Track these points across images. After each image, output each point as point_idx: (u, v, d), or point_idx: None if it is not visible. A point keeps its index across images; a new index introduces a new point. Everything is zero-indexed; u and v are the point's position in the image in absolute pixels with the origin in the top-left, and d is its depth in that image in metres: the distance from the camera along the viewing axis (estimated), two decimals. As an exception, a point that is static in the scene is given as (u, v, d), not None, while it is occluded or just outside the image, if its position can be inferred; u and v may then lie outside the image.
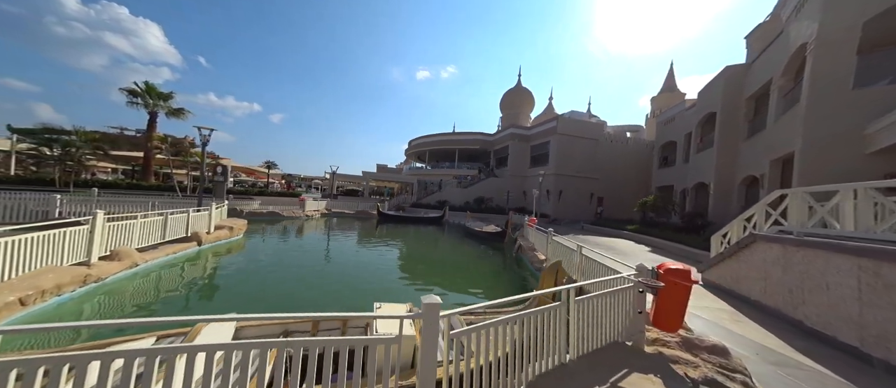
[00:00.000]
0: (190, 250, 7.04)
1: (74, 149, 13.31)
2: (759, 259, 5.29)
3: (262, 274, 6.59)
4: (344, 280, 6.78)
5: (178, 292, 5.26)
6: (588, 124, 26.40)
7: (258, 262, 7.56)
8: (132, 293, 4.85)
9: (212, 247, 7.85)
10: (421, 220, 20.91)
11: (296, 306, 4.99)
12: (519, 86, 37.36)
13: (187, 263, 6.70)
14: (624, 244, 13.40)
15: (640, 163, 27.19)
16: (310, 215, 16.96)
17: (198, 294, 5.21)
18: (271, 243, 10.25)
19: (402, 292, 6.60)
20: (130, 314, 4.38)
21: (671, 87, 33.20)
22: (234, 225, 9.04)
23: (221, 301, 5.09)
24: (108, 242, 5.06)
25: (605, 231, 18.00)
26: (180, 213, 7.02)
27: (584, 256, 6.05)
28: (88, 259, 4.64)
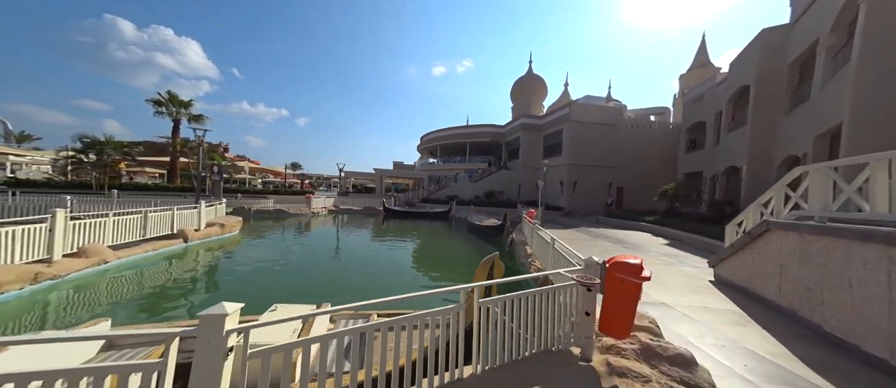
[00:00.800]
0: (175, 247, 7.24)
1: (105, 155, 14.76)
2: (773, 251, 4.41)
3: (238, 272, 6.62)
4: (320, 277, 6.70)
5: (149, 290, 5.32)
6: (604, 109, 24.60)
7: (242, 259, 7.62)
8: (95, 291, 4.84)
9: (201, 244, 8.05)
10: (427, 215, 20.74)
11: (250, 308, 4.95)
12: (530, 73, 35.70)
13: (172, 259, 6.86)
14: (638, 237, 12.28)
15: (666, 148, 24.92)
16: (316, 212, 17.44)
17: (164, 293, 5.22)
18: (267, 240, 10.43)
19: (373, 289, 6.39)
20: (83, 313, 4.31)
21: (703, 62, 29.94)
22: (226, 223, 9.29)
23: (182, 302, 5.04)
24: (74, 239, 5.25)
25: (621, 223, 16.70)
26: (164, 211, 7.25)
27: (556, 250, 5.46)
28: (50, 257, 4.81)
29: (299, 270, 7.02)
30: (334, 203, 20.48)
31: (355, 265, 7.69)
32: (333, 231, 13.34)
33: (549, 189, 26.22)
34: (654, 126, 25.81)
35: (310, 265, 7.50)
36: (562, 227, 15.35)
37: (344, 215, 19.35)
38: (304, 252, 8.73)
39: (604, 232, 13.40)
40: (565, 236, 11.31)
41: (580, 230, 13.91)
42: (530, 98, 35.11)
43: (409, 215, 20.24)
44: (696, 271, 6.77)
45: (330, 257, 8.66)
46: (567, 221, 18.66)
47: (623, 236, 12.63)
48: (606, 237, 11.90)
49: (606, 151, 24.11)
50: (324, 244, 10.31)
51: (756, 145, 13.17)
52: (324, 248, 9.71)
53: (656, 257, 8.15)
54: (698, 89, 19.89)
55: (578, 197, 23.54)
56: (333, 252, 9.34)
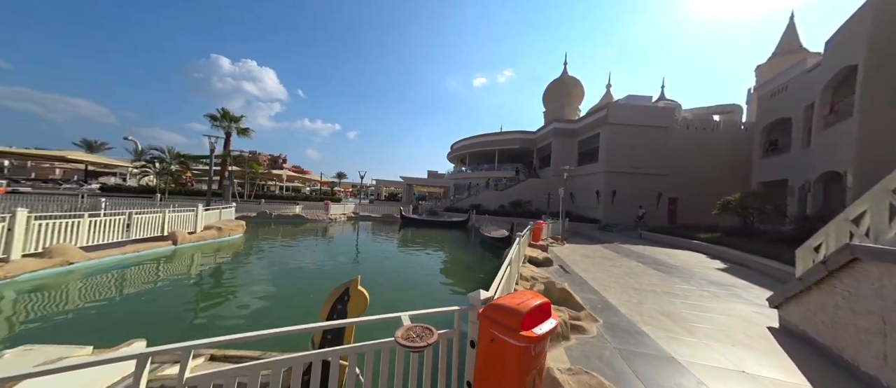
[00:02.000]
0: (162, 249, 7.28)
1: (166, 164, 17.40)
2: (870, 293, 2.69)
3: (210, 282, 6.30)
4: (292, 292, 6.17)
5: (103, 295, 4.99)
6: (651, 110, 21.39)
7: (231, 266, 7.43)
8: (48, 294, 4.69)
9: (195, 247, 8.10)
10: (443, 224, 19.99)
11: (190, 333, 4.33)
12: (564, 75, 33.14)
13: (157, 261, 6.80)
14: (684, 258, 9.83)
15: (737, 152, 20.59)
16: (333, 219, 17.96)
17: (123, 305, 4.88)
18: (271, 245, 10.38)
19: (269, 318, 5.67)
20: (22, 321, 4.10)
21: (790, 48, 24.41)
22: (225, 226, 9.54)
23: (125, 317, 4.59)
24: (38, 239, 5.36)
25: (669, 240, 13.86)
26: (154, 213, 7.54)
27: (507, 274, 4.21)
28: (7, 256, 4.89)
29: (295, 281, 6.69)
30: (354, 210, 21.02)
31: (304, 281, 6.94)
32: (348, 237, 13.33)
33: (583, 200, 23.51)
34: (719, 127, 21.62)
35: (312, 274, 7.16)
36: (589, 241, 13.22)
37: (361, 223, 19.67)
38: (302, 259, 8.45)
39: (640, 250, 11.09)
40: (580, 254, 9.51)
41: (609, 247, 11.75)
42: (564, 101, 32.48)
43: (425, 223, 19.73)
44: (754, 310, 4.82)
45: (333, 263, 8.23)
46: (601, 235, 16.18)
47: (664, 255, 10.24)
48: (640, 256, 9.73)
49: (654, 157, 20.78)
50: (333, 250, 10.11)
51: (867, 143, 9.78)
52: (301, 256, 9.28)
53: (699, 287, 6.16)
54: (780, 78, 15.99)
55: (618, 208, 20.54)
56: (343, 258, 9.03)
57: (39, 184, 21.86)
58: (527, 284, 5.50)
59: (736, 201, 12.13)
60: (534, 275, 5.97)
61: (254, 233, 11.90)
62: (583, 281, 6.21)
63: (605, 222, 20.30)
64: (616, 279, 6.48)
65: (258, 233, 12.29)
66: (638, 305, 4.86)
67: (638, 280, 6.50)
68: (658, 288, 5.93)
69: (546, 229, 12.05)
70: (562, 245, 11.48)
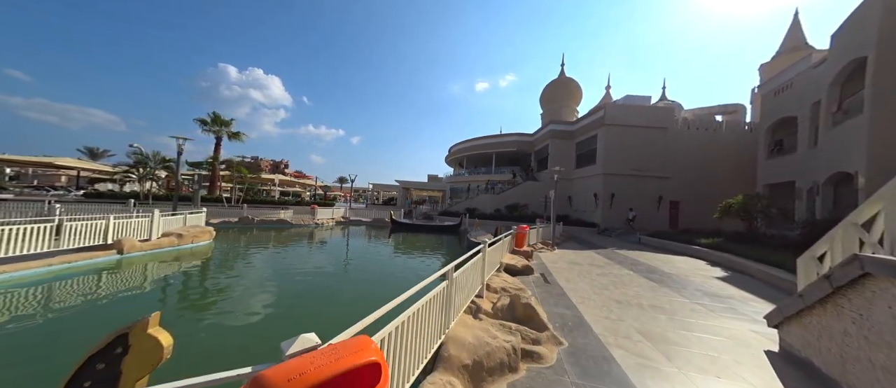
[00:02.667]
0: (102, 260, 6.58)
1: (150, 169, 17.14)
2: (887, 319, 2.10)
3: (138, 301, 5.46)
4: (239, 322, 5.04)
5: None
6: (651, 110, 20.74)
7: (185, 279, 6.67)
8: None
9: (147, 256, 7.43)
10: (435, 229, 19.44)
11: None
12: (562, 77, 32.60)
13: (95, 274, 6.06)
14: (683, 265, 9.13)
15: (740, 154, 19.81)
16: (320, 223, 17.52)
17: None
18: (243, 253, 9.67)
19: (287, 325, 5.20)
20: None
21: (795, 45, 23.61)
22: (187, 233, 8.88)
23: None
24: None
25: (668, 246, 13.13)
26: (93, 219, 6.71)
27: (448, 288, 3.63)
28: None
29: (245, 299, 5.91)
30: (344, 215, 20.59)
31: (260, 300, 6.03)
32: (330, 243, 12.75)
33: (581, 203, 22.81)
34: (722, 128, 20.85)
35: (208, 295, 6.10)
36: (583, 247, 12.55)
37: (352, 228, 19.20)
38: (241, 273, 7.53)
39: (635, 257, 10.40)
40: (568, 261, 8.85)
41: (602, 253, 11.07)
42: (562, 103, 31.88)
43: (417, 228, 19.20)
44: (751, 329, 4.18)
45: (252, 281, 6.92)
46: (598, 240, 15.47)
47: (660, 262, 9.55)
48: (633, 263, 9.06)
49: (654, 159, 20.07)
50: (279, 260, 9.18)
51: (879, 141, 9.06)
52: (272, 265, 8.52)
53: (692, 299, 5.52)
54: (785, 75, 15.27)
55: (617, 212, 19.80)
56: (268, 275, 7.68)
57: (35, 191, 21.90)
58: (494, 296, 4.92)
59: (738, 205, 11.41)
60: (505, 286, 5.39)
61: (227, 240, 11.39)
62: (561, 293, 5.60)
63: (603, 227, 19.56)
64: (599, 290, 5.86)
65: (233, 240, 11.75)
66: (616, 322, 4.26)
67: (624, 291, 5.87)
68: (645, 301, 5.31)
69: (535, 234, 11.45)
70: (552, 251, 10.85)
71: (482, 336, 2.91)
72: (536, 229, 11.65)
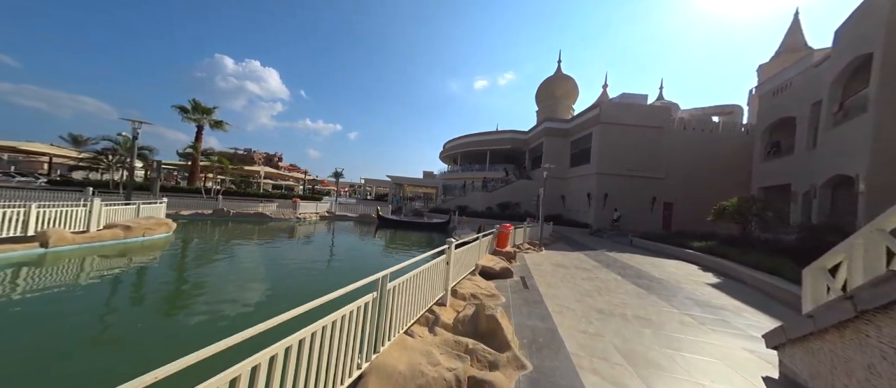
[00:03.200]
0: (17, 254, 5.85)
1: (121, 157, 16.13)
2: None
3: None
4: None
5: None
6: (646, 109, 20.27)
7: (121, 278, 5.88)
8: None
9: (80, 250, 6.64)
10: (423, 226, 18.87)
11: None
12: (558, 73, 32.02)
13: (14, 268, 5.36)
14: (673, 269, 8.66)
15: (736, 155, 19.44)
16: (302, 218, 16.84)
17: None
18: (205, 249, 8.86)
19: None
20: None
21: (794, 46, 23.25)
22: (137, 225, 8.00)
23: None
24: None
25: (660, 248, 12.70)
26: (12, 206, 5.93)
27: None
28: None
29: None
30: (328, 209, 19.90)
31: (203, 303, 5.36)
32: (306, 239, 12.02)
33: (575, 203, 22.36)
34: (718, 129, 20.45)
35: (144, 298, 5.41)
36: (572, 248, 12.04)
37: (337, 223, 18.55)
38: (192, 274, 6.78)
39: (626, 260, 9.91)
40: (553, 263, 8.30)
41: (592, 254, 10.58)
42: (558, 101, 31.32)
43: (404, 224, 18.61)
44: (745, 347, 3.67)
45: (200, 283, 6.19)
46: (589, 241, 14.99)
47: (651, 265, 9.07)
48: (623, 267, 8.57)
49: (649, 159, 19.64)
50: (244, 258, 8.33)
51: (883, 142, 8.61)
52: (231, 264, 7.70)
53: (681, 309, 5.02)
54: (784, 75, 14.82)
55: (610, 213, 19.37)
56: (225, 275, 7.00)
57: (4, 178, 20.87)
58: (461, 304, 4.36)
59: (733, 207, 10.96)
60: (476, 291, 4.84)
61: (193, 233, 10.68)
62: (538, 300, 5.06)
63: (596, 227, 19.13)
64: (581, 298, 5.33)
65: (199, 233, 11.00)
66: (594, 338, 3.71)
67: (608, 299, 5.35)
68: (630, 311, 4.79)
69: (522, 233, 10.92)
70: (539, 252, 10.34)
71: (419, 364, 2.33)
72: (523, 229, 11.13)
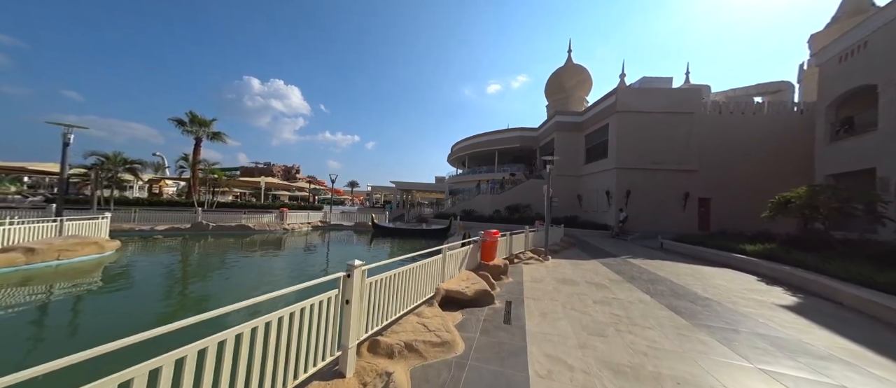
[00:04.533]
0: None
1: (109, 171, 15.77)
2: None
3: None
4: None
5: None
6: (672, 93, 17.71)
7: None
8: None
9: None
10: (421, 233, 17.32)
11: None
12: (569, 63, 29.62)
13: None
14: (725, 284, 6.47)
15: (788, 140, 16.46)
16: (290, 229, 15.80)
17: None
18: (153, 268, 7.66)
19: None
20: None
21: (857, 8, 19.60)
22: (44, 247, 6.75)
23: None
24: None
25: (698, 252, 10.34)
26: None
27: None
28: None
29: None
30: (322, 219, 18.83)
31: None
32: (265, 256, 10.22)
33: (592, 203, 19.96)
34: (763, 110, 17.46)
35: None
36: (588, 255, 9.93)
37: (332, 233, 17.43)
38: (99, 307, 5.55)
39: (655, 269, 7.77)
40: (558, 278, 6.24)
41: (612, 263, 8.49)
42: (570, 93, 28.87)
43: (399, 232, 17.16)
44: None
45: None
46: (610, 245, 12.73)
47: (691, 277, 6.91)
48: (652, 280, 6.52)
49: (678, 150, 17.05)
50: (197, 281, 7.27)
51: None
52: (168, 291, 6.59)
53: (753, 356, 3.06)
54: (855, 34, 11.97)
55: (634, 212, 16.89)
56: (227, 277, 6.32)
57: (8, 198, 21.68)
58: (379, 366, 2.67)
59: (800, 199, 8.47)
60: (418, 337, 3.13)
61: (151, 251, 9.59)
62: (516, 348, 3.28)
63: (617, 229, 16.69)
64: (589, 340, 3.49)
65: (159, 250, 9.82)
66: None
67: (632, 340, 3.48)
68: (665, 364, 2.92)
69: (523, 240, 9.06)
70: (544, 262, 8.44)
71: None
72: (524, 235, 9.27)
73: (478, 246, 6.25)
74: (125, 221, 11.81)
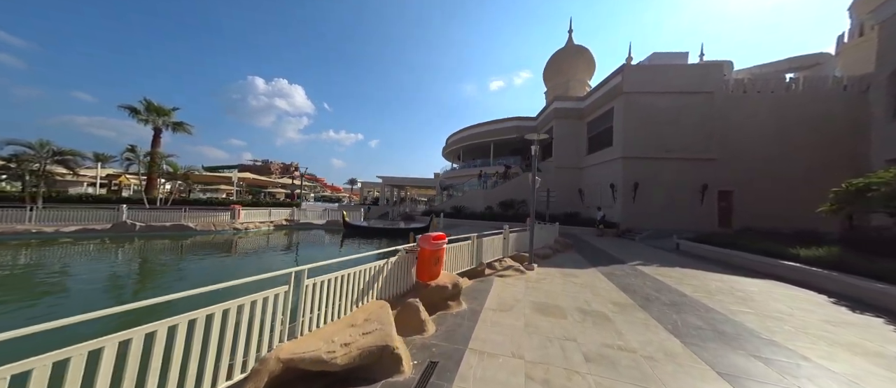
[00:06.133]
0: None
1: (34, 164, 13.41)
2: None
3: None
4: None
5: None
6: (687, 70, 15.32)
7: None
8: None
9: None
10: (398, 232, 15.32)
11: None
12: (570, 45, 27.10)
13: None
14: (784, 308, 4.25)
15: (830, 120, 14.05)
16: (242, 228, 13.80)
17: None
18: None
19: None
20: None
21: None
22: None
23: None
24: None
25: (724, 256, 8.18)
26: None
27: None
28: None
29: None
30: (288, 217, 16.86)
31: None
32: (178, 266, 8.30)
33: (595, 198, 17.70)
34: (797, 87, 14.99)
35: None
36: (587, 261, 7.68)
37: (298, 232, 15.49)
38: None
39: (675, 282, 5.60)
40: (537, 300, 3.77)
41: (619, 272, 6.32)
42: (570, 76, 26.35)
43: (373, 231, 15.16)
44: None
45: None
46: (615, 247, 10.49)
47: (728, 297, 4.73)
48: (673, 304, 4.34)
49: (695, 136, 14.75)
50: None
51: None
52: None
53: None
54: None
55: (643, 206, 14.68)
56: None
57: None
58: None
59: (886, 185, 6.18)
60: None
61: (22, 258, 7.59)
62: None
63: (624, 227, 14.48)
64: None
65: (31, 258, 7.79)
66: None
67: None
68: None
69: (500, 243, 6.94)
70: (525, 273, 6.33)
71: None
72: (503, 238, 7.17)
73: (412, 258, 4.15)
74: (19, 221, 9.87)
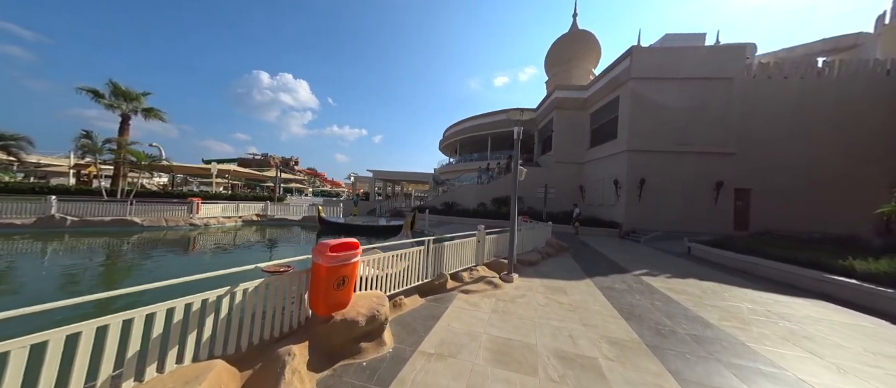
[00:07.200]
0: None
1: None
2: None
3: None
4: None
5: None
6: (702, 53, 13.64)
7: None
8: None
9: None
10: (378, 230, 14.05)
11: None
12: (574, 30, 25.27)
13: None
14: (857, 342, 2.79)
15: (871, 109, 12.37)
16: (202, 224, 12.56)
17: None
18: None
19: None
20: None
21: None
22: None
23: None
24: None
25: (744, 266, 6.71)
26: None
27: None
28: None
29: None
30: (259, 212, 15.59)
31: None
32: (112, 267, 7.32)
33: (597, 195, 16.20)
34: (831, 72, 13.25)
35: None
36: (582, 269, 6.21)
37: (268, 229, 14.27)
38: None
39: (694, 302, 4.18)
40: (504, 334, 2.08)
41: (617, 286, 4.92)
42: (573, 64, 24.58)
43: (351, 228, 13.89)
44: None
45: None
46: (617, 251, 9.03)
47: (771, 328, 3.26)
48: (703, 340, 2.87)
49: (711, 127, 13.16)
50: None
51: None
52: None
53: None
54: None
55: (650, 204, 13.18)
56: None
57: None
58: None
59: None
60: None
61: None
62: None
63: (629, 227, 13.01)
64: None
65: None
66: None
67: None
68: None
69: (478, 249, 5.60)
70: (500, 287, 4.99)
71: None
72: (477, 239, 5.83)
73: (306, 276, 2.80)
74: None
